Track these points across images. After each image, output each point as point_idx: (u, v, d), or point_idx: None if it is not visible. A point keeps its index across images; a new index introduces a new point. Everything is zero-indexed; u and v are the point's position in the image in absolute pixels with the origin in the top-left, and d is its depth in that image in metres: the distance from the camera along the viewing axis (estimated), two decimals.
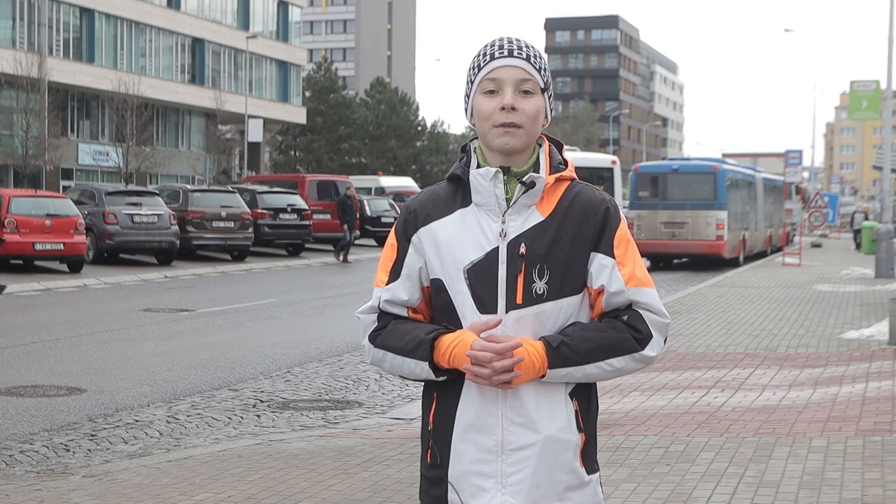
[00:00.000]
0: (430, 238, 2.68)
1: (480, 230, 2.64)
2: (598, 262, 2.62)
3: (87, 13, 52.44)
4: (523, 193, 2.62)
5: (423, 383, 2.76)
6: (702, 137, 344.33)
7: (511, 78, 2.63)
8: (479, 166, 2.69)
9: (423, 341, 2.62)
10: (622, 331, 2.61)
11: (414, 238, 2.70)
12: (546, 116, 2.69)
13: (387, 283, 2.72)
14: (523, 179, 2.62)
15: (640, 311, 2.62)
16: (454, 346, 2.59)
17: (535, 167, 2.68)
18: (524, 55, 2.65)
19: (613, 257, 2.63)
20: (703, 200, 30.48)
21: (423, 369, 2.63)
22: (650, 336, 2.62)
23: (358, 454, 7.56)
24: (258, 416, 9.37)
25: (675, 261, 31.81)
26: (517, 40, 2.68)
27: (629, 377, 10.55)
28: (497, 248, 2.62)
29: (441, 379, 2.64)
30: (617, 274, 2.61)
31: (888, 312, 13.67)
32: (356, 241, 37.08)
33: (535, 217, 2.63)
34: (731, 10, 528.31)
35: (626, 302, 2.62)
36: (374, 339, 2.71)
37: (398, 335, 2.67)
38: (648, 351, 2.62)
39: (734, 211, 31.54)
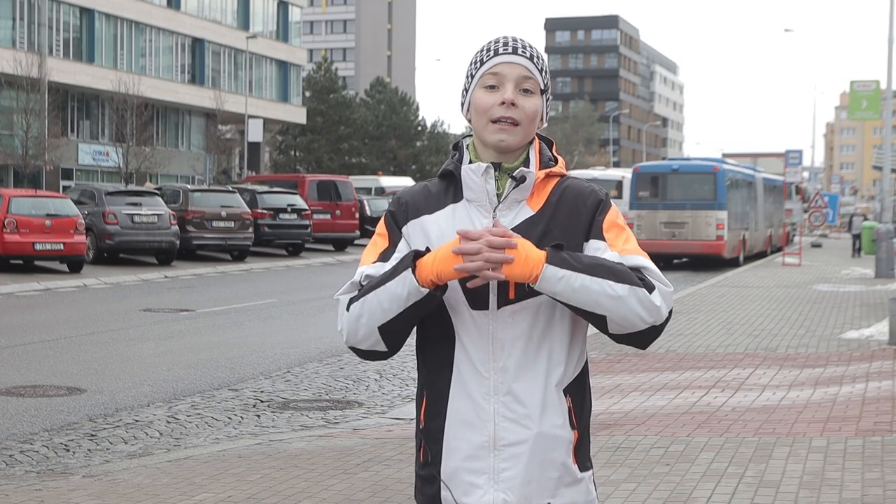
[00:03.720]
0: (420, 232, 2.66)
1: (471, 225, 2.62)
2: (591, 247, 2.61)
3: (87, 13, 52.42)
4: (513, 188, 2.62)
5: (419, 382, 2.75)
6: (702, 137, 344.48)
7: (513, 74, 2.63)
8: (471, 162, 2.69)
9: (405, 258, 2.56)
10: (626, 268, 2.55)
11: (404, 230, 2.69)
12: (542, 119, 2.69)
13: (374, 263, 2.66)
14: (513, 174, 2.62)
15: (641, 271, 2.57)
16: (439, 250, 2.53)
17: (526, 163, 2.67)
18: (528, 54, 2.65)
19: (605, 241, 2.61)
20: (703, 200, 30.48)
21: (405, 283, 2.51)
22: (653, 287, 2.54)
23: (358, 454, 7.56)
24: (258, 416, 9.37)
25: (675, 261, 31.81)
26: (521, 39, 2.68)
27: (629, 377, 10.55)
28: None
29: (424, 293, 2.51)
30: (609, 252, 2.59)
31: (888, 312, 13.67)
32: (356, 241, 37.12)
33: (526, 212, 2.62)
34: (731, 10, 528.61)
35: None
36: (351, 303, 2.62)
37: (375, 277, 2.60)
38: (655, 299, 2.52)
39: (734, 211, 31.53)
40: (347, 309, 2.61)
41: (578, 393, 2.67)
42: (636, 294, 2.51)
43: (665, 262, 31.40)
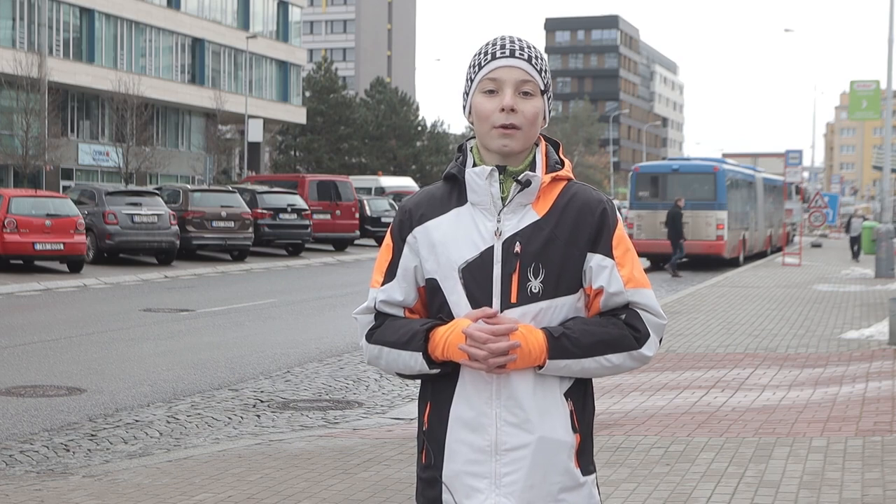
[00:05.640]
0: (425, 237, 2.66)
1: (475, 229, 2.62)
2: (597, 262, 2.61)
3: (87, 13, 52.41)
4: (519, 192, 2.61)
5: (422, 385, 2.75)
6: (702, 137, 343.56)
7: (511, 79, 2.61)
8: (475, 165, 2.68)
9: (418, 332, 2.61)
10: (622, 328, 2.61)
11: (409, 238, 2.69)
12: (544, 118, 2.68)
13: (382, 284, 2.71)
14: (519, 178, 2.61)
15: (639, 311, 2.62)
16: (449, 334, 2.58)
17: (532, 166, 2.67)
18: (526, 56, 2.63)
19: (613, 258, 2.62)
20: (703, 200, 30.49)
21: (416, 361, 2.62)
22: (648, 335, 2.62)
23: (358, 454, 7.56)
24: (258, 416, 9.37)
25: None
26: (519, 40, 2.65)
27: (629, 377, 10.55)
28: (492, 246, 2.60)
29: (435, 372, 2.62)
30: (616, 275, 2.61)
31: (888, 312, 13.67)
32: (356, 241, 37.12)
33: (531, 216, 2.62)
34: (731, 10, 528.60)
35: (624, 302, 2.62)
36: (371, 336, 2.71)
37: (393, 329, 2.67)
38: (646, 350, 2.62)
39: (734, 211, 31.54)
40: (368, 339, 2.71)
41: (580, 397, 2.67)
42: (630, 357, 2.63)
43: (665, 261, 31.40)
